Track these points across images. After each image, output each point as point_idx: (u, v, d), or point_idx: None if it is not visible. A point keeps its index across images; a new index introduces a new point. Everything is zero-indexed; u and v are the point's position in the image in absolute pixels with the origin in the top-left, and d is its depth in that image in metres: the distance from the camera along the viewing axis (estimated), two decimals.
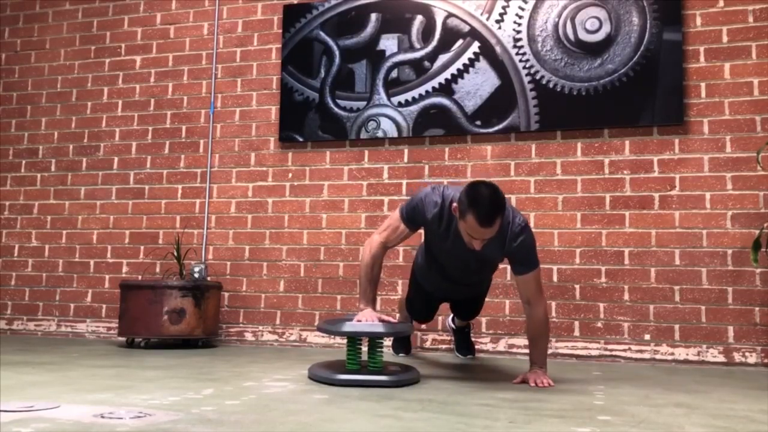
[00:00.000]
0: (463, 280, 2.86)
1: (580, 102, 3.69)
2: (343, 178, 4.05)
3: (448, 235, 2.50)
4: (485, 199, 2.25)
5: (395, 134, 3.96)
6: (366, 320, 2.43)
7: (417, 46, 3.99)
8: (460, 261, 2.61)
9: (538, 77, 3.76)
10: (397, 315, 3.53)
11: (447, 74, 3.91)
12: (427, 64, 3.96)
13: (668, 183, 3.56)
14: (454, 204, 2.35)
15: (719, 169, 3.50)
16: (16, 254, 4.58)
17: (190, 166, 4.34)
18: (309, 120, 4.12)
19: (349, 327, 2.39)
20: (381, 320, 2.45)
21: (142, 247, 4.34)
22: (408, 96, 3.96)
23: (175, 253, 4.06)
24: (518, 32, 3.83)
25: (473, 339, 3.54)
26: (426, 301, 3.09)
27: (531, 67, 3.78)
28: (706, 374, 3.01)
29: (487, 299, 3.70)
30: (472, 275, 2.80)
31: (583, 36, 3.73)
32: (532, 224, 3.70)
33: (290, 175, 4.16)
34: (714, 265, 3.43)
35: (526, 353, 3.55)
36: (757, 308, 3.35)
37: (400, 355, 3.50)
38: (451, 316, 3.50)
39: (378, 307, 3.58)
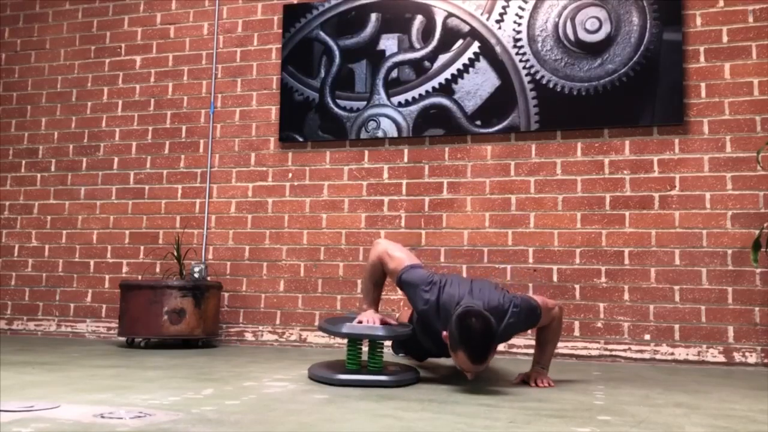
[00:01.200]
0: None
1: (580, 102, 3.68)
2: (343, 178, 4.05)
3: (437, 332, 2.38)
4: (477, 336, 2.12)
5: (395, 134, 3.96)
6: (367, 321, 2.43)
7: (417, 46, 3.99)
8: None
9: (538, 77, 3.76)
10: (397, 315, 3.53)
11: (447, 74, 3.91)
12: (427, 64, 3.96)
13: (668, 183, 3.56)
14: (445, 333, 2.23)
15: (719, 169, 3.50)
16: (16, 254, 4.58)
17: (190, 166, 4.34)
18: (309, 120, 4.12)
19: (348, 328, 2.39)
20: (382, 322, 2.45)
21: (142, 247, 4.34)
22: (408, 96, 3.96)
23: (175, 253, 4.06)
24: (518, 32, 3.83)
25: None
26: (420, 350, 3.00)
27: (531, 67, 3.78)
28: (706, 374, 3.01)
29: None
30: None
31: (583, 36, 3.73)
32: (531, 224, 3.70)
33: (290, 175, 4.16)
34: (714, 265, 3.43)
35: (526, 353, 3.56)
36: (757, 308, 3.35)
37: (400, 354, 3.50)
38: None
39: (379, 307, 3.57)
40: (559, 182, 3.71)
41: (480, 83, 3.85)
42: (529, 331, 3.58)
